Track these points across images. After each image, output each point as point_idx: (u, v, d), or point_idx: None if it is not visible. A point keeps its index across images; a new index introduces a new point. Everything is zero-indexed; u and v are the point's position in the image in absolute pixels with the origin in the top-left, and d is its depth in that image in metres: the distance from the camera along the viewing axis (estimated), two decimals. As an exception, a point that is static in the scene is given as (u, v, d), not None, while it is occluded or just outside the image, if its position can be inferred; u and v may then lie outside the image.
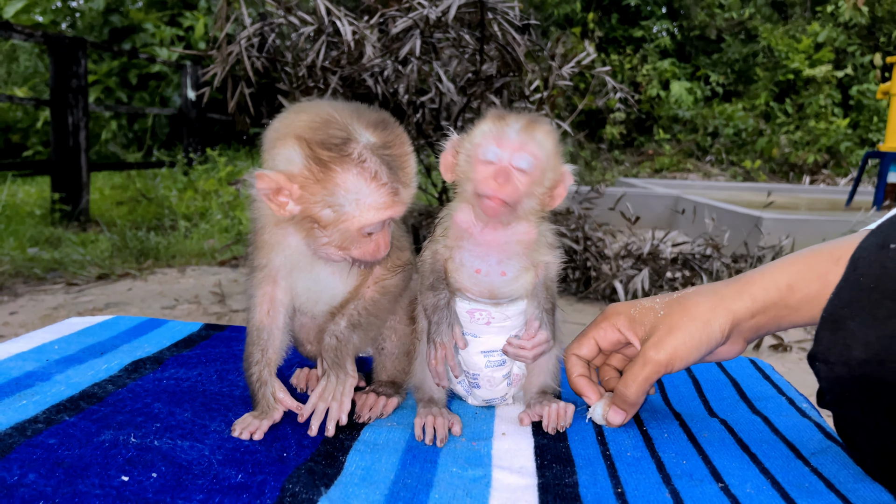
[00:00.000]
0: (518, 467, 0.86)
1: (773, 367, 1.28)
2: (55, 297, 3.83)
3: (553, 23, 12.64)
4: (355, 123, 0.87)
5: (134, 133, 10.27)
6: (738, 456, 0.90)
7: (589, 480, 0.83)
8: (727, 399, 1.12)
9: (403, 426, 0.98)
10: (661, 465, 0.87)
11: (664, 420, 1.02)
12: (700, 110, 12.53)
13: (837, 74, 12.54)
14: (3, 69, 10.08)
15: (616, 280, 3.79)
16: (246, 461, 0.82)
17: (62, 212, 6.03)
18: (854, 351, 0.75)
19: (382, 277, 0.98)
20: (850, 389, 0.77)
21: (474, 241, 0.97)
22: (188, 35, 10.27)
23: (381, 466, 0.85)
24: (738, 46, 13.13)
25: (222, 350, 1.25)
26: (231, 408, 1.00)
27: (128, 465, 0.79)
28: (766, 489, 0.81)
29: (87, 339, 1.26)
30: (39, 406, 0.95)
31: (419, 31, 3.29)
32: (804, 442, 0.94)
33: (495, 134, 0.93)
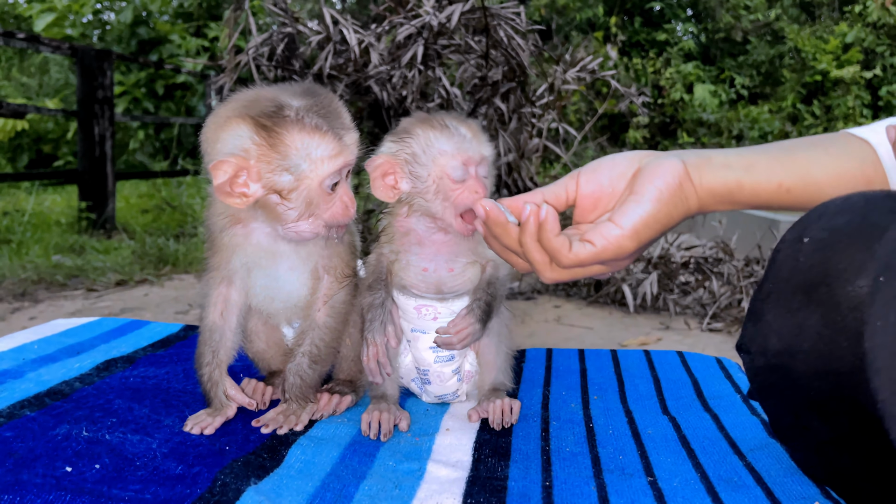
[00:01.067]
0: (454, 461, 0.88)
1: (740, 366, 1.28)
2: (74, 302, 3.92)
3: (575, 27, 12.62)
4: (283, 95, 0.92)
5: (161, 142, 10.47)
6: (675, 451, 0.91)
7: (520, 474, 0.85)
8: (683, 398, 1.12)
9: (353, 422, 1.00)
10: (596, 459, 0.89)
11: (613, 417, 1.04)
12: (725, 113, 12.40)
13: (866, 75, 12.32)
14: (35, 81, 10.36)
15: (625, 284, 3.77)
16: (188, 454, 0.86)
17: (88, 220, 6.17)
18: (770, 341, 0.75)
19: (332, 292, 1.00)
20: (768, 380, 0.78)
21: (421, 243, 0.99)
22: (213, 46, 10.46)
23: (320, 460, 0.87)
24: (764, 48, 12.97)
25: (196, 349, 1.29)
26: (190, 404, 1.03)
27: (74, 457, 0.83)
28: (693, 483, 0.82)
29: (66, 339, 1.31)
30: (4, 402, 0.99)
31: (423, 38, 3.33)
32: (746, 438, 0.95)
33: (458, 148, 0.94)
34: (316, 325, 1.00)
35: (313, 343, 1.00)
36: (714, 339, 3.35)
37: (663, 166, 0.82)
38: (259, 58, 3.49)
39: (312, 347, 0.99)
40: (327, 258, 1.00)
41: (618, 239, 0.78)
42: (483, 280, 1.00)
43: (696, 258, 4.12)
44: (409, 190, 0.96)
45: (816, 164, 0.86)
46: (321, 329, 1.00)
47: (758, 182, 0.84)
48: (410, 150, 0.95)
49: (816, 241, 0.74)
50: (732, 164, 0.84)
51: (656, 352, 1.36)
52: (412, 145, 0.95)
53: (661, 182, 0.81)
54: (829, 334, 0.70)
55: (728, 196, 0.84)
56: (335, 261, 1.00)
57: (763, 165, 0.84)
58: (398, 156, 0.96)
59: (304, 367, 0.99)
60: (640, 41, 13.40)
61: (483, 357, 1.05)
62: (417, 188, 0.95)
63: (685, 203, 0.82)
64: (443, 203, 0.94)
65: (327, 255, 1.00)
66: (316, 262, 1.00)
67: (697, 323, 3.58)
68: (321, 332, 1.00)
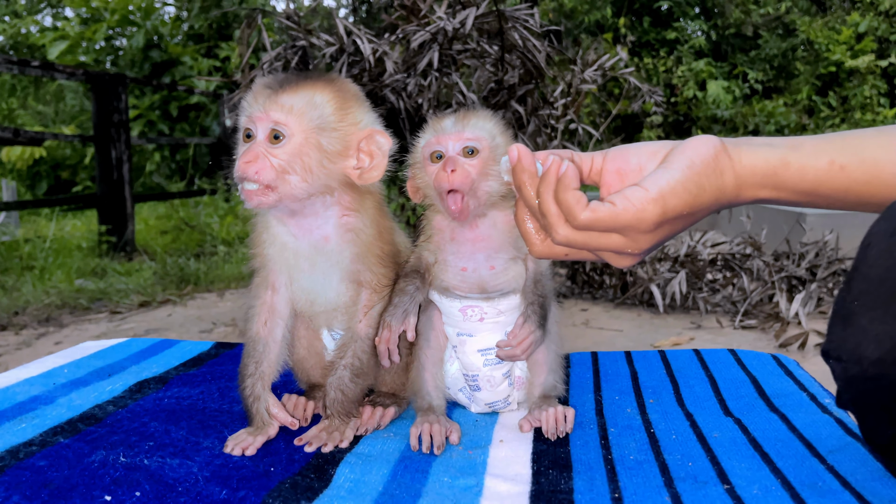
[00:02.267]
0: (513, 475, 0.83)
1: (798, 363, 1.22)
2: (98, 325, 3.91)
3: (584, 30, 12.57)
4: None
5: (176, 163, 10.53)
6: (748, 456, 0.85)
7: (585, 486, 0.79)
8: (744, 397, 1.06)
9: (400, 437, 0.95)
10: (664, 467, 0.83)
11: (674, 421, 0.98)
12: (739, 109, 12.28)
13: (881, 64, 12.15)
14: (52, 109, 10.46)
15: (653, 284, 3.70)
16: (232, 477, 0.81)
17: (109, 243, 6.19)
18: (866, 348, 0.68)
19: (372, 302, 0.96)
20: (865, 390, 0.71)
21: (457, 241, 0.97)
22: (225, 65, 10.52)
23: (370, 478, 0.82)
24: (776, 42, 12.85)
25: (229, 367, 1.25)
26: (228, 424, 0.99)
27: (113, 485, 0.78)
28: (774, 489, 0.76)
29: (97, 362, 1.27)
30: (37, 429, 0.95)
31: (437, 44, 3.29)
32: (822, 439, 0.88)
33: (434, 132, 0.96)
34: (357, 337, 0.95)
35: (355, 355, 0.95)
36: (748, 336, 3.27)
37: (698, 139, 0.76)
38: (273, 72, 3.47)
39: (354, 360, 0.95)
40: (357, 271, 0.95)
41: (642, 202, 0.71)
42: (529, 279, 0.96)
43: (723, 255, 4.04)
44: (423, 187, 0.97)
45: (872, 142, 0.78)
46: (363, 340, 0.95)
47: (806, 160, 0.76)
48: (418, 151, 0.98)
49: None
50: (776, 143, 0.78)
51: (707, 350, 1.30)
52: (417, 146, 0.99)
53: (694, 152, 0.75)
54: None
55: (772, 175, 0.76)
56: (370, 272, 0.95)
57: (811, 144, 0.78)
58: (413, 158, 0.99)
59: (345, 380, 0.94)
60: (650, 41, 13.33)
61: (533, 358, 0.99)
62: (425, 183, 0.96)
63: (720, 178, 0.74)
64: (434, 190, 0.94)
65: (356, 268, 0.95)
66: (355, 267, 0.95)
67: (729, 321, 3.50)
68: (363, 344, 0.95)
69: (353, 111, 0.91)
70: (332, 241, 0.94)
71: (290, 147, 0.88)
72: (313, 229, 0.93)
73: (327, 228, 0.93)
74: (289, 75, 0.91)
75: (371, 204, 0.95)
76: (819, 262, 3.86)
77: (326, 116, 0.89)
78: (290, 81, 0.89)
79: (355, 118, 0.91)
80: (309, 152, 0.88)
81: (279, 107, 0.88)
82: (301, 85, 0.89)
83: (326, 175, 0.90)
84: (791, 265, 3.84)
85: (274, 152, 0.88)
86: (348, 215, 0.93)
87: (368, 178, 0.92)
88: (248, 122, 0.90)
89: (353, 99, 0.93)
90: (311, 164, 0.88)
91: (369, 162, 0.92)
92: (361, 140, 0.92)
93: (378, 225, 0.95)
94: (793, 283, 3.78)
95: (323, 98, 0.89)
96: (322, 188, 0.91)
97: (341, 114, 0.90)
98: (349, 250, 0.94)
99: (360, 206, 0.94)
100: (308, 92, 0.89)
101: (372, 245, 0.94)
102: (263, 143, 0.88)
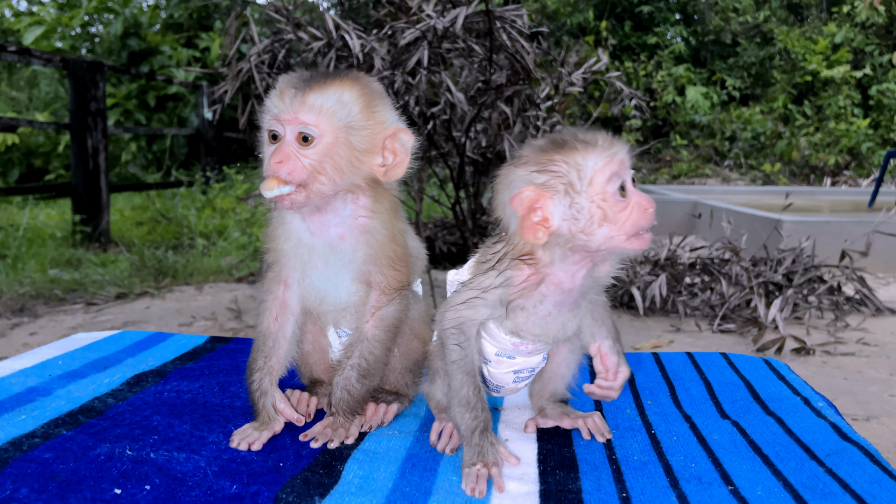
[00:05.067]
0: (520, 474, 0.84)
1: (790, 368, 1.24)
2: (74, 317, 3.86)
3: (566, 32, 12.64)
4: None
5: (153, 154, 10.39)
6: (749, 458, 0.87)
7: (593, 486, 0.80)
8: (740, 401, 1.09)
9: (405, 434, 0.96)
10: (668, 468, 0.85)
11: (674, 423, 1.00)
12: (717, 115, 12.44)
13: (856, 74, 12.39)
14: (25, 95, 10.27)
15: (634, 287, 3.74)
16: (241, 472, 0.81)
17: (83, 233, 6.10)
18: None
19: (380, 304, 0.96)
20: None
21: (561, 288, 0.85)
22: (204, 56, 10.40)
23: (379, 475, 0.83)
24: (754, 50, 13.03)
25: (226, 362, 1.24)
26: (231, 419, 0.98)
27: (122, 479, 0.78)
28: (777, 491, 0.78)
29: (91, 354, 1.26)
30: (38, 421, 0.94)
31: (427, 42, 3.29)
32: (819, 443, 0.91)
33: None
34: (365, 338, 0.96)
35: (362, 356, 0.95)
36: (726, 340, 3.32)
37: None
38: (260, 65, 3.44)
39: (361, 360, 0.95)
40: (368, 272, 0.96)
41: None
42: (602, 309, 0.92)
43: (702, 259, 4.09)
44: (565, 228, 0.80)
45: None
46: (370, 342, 0.96)
47: None
48: (565, 179, 0.80)
49: None
50: None
51: (700, 354, 1.33)
52: (564, 172, 0.80)
53: None
54: None
55: None
56: (381, 273, 0.95)
57: None
58: (549, 186, 0.80)
59: (352, 381, 0.95)
60: (631, 45, 13.45)
61: (556, 369, 0.98)
62: (579, 223, 0.79)
63: None
64: (610, 228, 0.79)
65: (368, 269, 0.96)
66: (367, 268, 0.95)
67: (708, 324, 3.56)
68: (370, 345, 0.95)
69: (379, 109, 0.92)
70: (347, 240, 0.94)
71: (322, 147, 0.88)
72: (330, 227, 0.94)
73: (343, 227, 0.94)
74: (314, 74, 0.91)
75: (387, 206, 0.95)
76: (795, 269, 3.93)
77: (355, 115, 0.89)
78: (316, 80, 0.89)
79: (382, 116, 0.92)
80: (339, 152, 0.89)
81: (308, 108, 0.88)
82: (328, 84, 0.89)
83: (355, 173, 0.91)
84: (768, 271, 3.90)
85: (304, 153, 0.88)
86: (364, 216, 0.94)
87: (393, 175, 0.93)
88: (273, 122, 0.90)
89: (378, 97, 0.93)
90: (341, 164, 0.89)
91: (393, 159, 0.92)
92: (387, 138, 0.92)
93: (392, 227, 0.95)
94: (769, 289, 3.84)
95: (351, 96, 0.90)
96: (349, 186, 0.91)
97: (368, 112, 0.90)
98: (362, 251, 0.94)
99: (376, 207, 0.94)
100: (336, 91, 0.89)
101: (385, 247, 0.94)
102: (293, 143, 0.88)
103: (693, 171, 11.75)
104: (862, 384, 2.76)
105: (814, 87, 12.75)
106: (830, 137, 11.88)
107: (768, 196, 8.56)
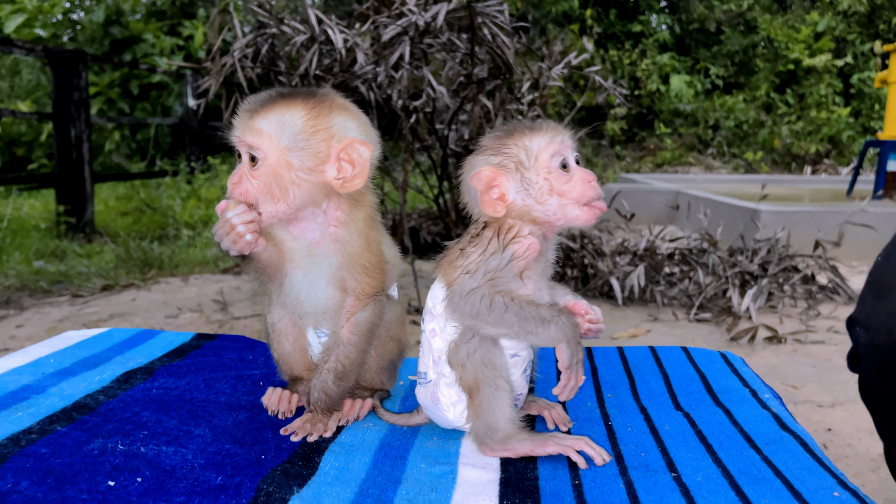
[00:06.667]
0: (483, 463, 0.91)
1: (744, 361, 1.32)
2: (60, 309, 3.89)
3: (551, 20, 12.66)
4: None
5: (137, 143, 10.35)
6: (694, 447, 0.94)
7: (549, 474, 0.88)
8: (694, 393, 1.16)
9: (378, 427, 1.03)
10: (620, 457, 0.92)
11: (630, 415, 1.07)
12: (701, 103, 12.54)
13: (838, 63, 12.51)
14: (6, 83, 10.18)
15: (613, 277, 3.83)
16: (226, 464, 0.88)
17: (67, 224, 6.11)
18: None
19: (355, 310, 1.02)
20: (890, 360, 0.74)
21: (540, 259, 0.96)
22: (188, 44, 10.36)
23: (354, 466, 0.90)
24: (737, 38, 13.12)
25: (211, 359, 1.31)
26: (216, 414, 1.05)
27: (114, 472, 0.84)
28: (715, 477, 0.85)
29: (81, 351, 1.32)
30: (34, 417, 1.00)
31: (408, 37, 3.34)
32: (760, 432, 0.98)
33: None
34: (341, 342, 1.02)
35: (338, 360, 1.02)
36: (702, 329, 3.41)
37: None
38: (244, 59, 3.48)
39: (337, 364, 1.02)
40: (341, 279, 1.01)
41: None
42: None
43: (680, 249, 4.18)
44: (519, 200, 0.93)
45: None
46: (345, 346, 1.02)
47: None
48: (515, 158, 0.93)
49: None
50: None
51: (662, 347, 1.40)
52: (514, 153, 0.93)
53: None
54: None
55: None
56: (354, 280, 1.01)
57: None
58: (503, 165, 0.93)
59: (328, 383, 1.01)
60: (616, 33, 13.49)
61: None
62: (531, 194, 0.92)
63: None
64: (560, 201, 0.91)
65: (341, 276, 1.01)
66: (341, 275, 1.01)
67: (685, 314, 3.65)
68: (345, 349, 1.02)
69: (325, 125, 0.95)
70: (322, 246, 1.00)
71: (265, 168, 0.95)
72: (307, 232, 1.00)
73: (318, 234, 1.00)
74: (268, 96, 0.96)
75: (361, 216, 1.00)
76: (771, 259, 4.02)
77: (296, 134, 0.94)
78: (264, 103, 0.95)
79: (332, 131, 0.96)
80: (281, 172, 0.94)
81: (252, 130, 0.94)
82: (273, 106, 0.95)
83: (304, 190, 0.96)
84: (745, 261, 4.00)
85: (253, 174, 0.95)
86: (335, 226, 1.00)
87: (351, 186, 0.97)
88: (236, 143, 0.97)
89: (328, 111, 0.96)
90: (284, 183, 0.94)
91: (351, 170, 0.97)
92: (341, 150, 0.96)
93: (367, 237, 1.01)
94: (745, 279, 3.94)
95: (293, 116, 0.94)
96: (307, 202, 0.97)
97: (314, 130, 0.95)
98: (335, 258, 1.00)
99: (349, 218, 0.99)
100: (279, 113, 0.94)
101: (358, 256, 1.00)
102: (246, 164, 0.96)
103: (677, 159, 11.86)
104: (830, 372, 2.86)
105: (796, 76, 12.87)
106: (812, 126, 12.02)
107: (749, 185, 8.67)
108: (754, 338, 3.20)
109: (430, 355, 0.96)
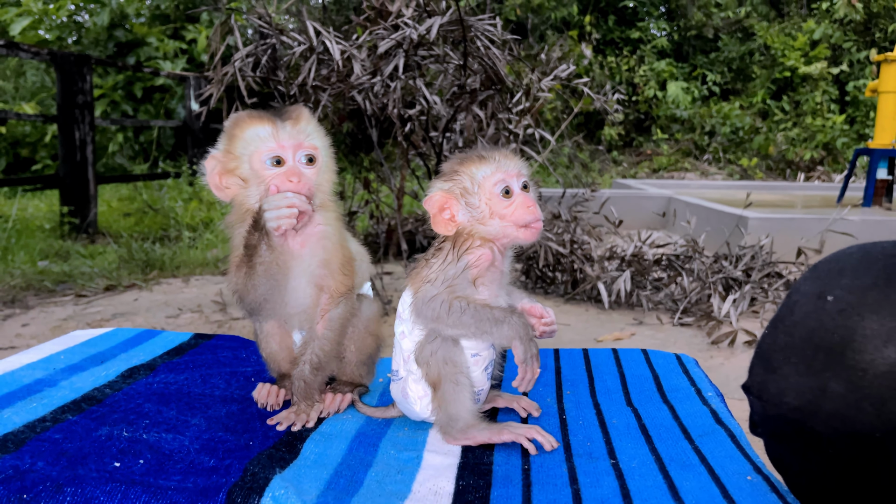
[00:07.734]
0: (446, 450, 1.03)
1: (697, 363, 1.44)
2: (65, 308, 4.01)
3: (550, 26, 12.79)
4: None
5: (140, 145, 10.48)
6: (635, 438, 1.06)
7: (503, 459, 0.99)
8: (646, 392, 1.28)
9: (356, 418, 1.14)
10: (567, 446, 1.04)
11: (584, 410, 1.19)
12: (697, 109, 12.65)
13: (833, 71, 12.63)
14: (11, 85, 10.32)
15: (600, 282, 3.94)
16: (218, 449, 0.99)
17: (71, 225, 6.23)
18: (787, 396, 0.76)
19: (328, 307, 1.14)
20: (782, 431, 0.79)
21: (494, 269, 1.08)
22: (191, 48, 10.49)
23: (331, 452, 1.01)
24: (734, 45, 13.24)
25: (207, 357, 1.42)
26: (211, 406, 1.17)
27: (120, 454, 0.96)
28: (649, 463, 0.97)
29: (89, 349, 1.43)
30: (47, 408, 1.12)
31: (403, 50, 3.46)
32: (696, 426, 1.10)
33: (494, 170, 1.07)
34: (316, 337, 1.14)
35: (314, 352, 1.14)
36: (685, 333, 3.53)
37: None
38: (244, 69, 3.60)
39: (313, 356, 1.14)
40: (321, 276, 1.13)
41: None
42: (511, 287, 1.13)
43: (667, 255, 4.30)
44: (466, 220, 1.05)
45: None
46: (320, 340, 1.14)
47: None
48: (461, 185, 1.05)
49: (842, 302, 0.75)
50: None
51: (623, 350, 1.52)
52: (461, 180, 1.05)
53: None
54: (854, 399, 0.71)
55: None
56: (332, 278, 1.13)
57: None
58: (451, 191, 1.05)
59: (306, 373, 1.13)
60: (615, 39, 13.62)
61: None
62: (475, 216, 1.04)
63: None
64: (501, 223, 1.03)
65: (321, 273, 1.13)
66: (321, 272, 1.13)
67: (669, 318, 3.76)
68: (321, 343, 1.14)
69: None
70: (307, 247, 1.12)
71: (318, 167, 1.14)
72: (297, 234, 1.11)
73: (303, 235, 1.11)
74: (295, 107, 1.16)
75: (333, 216, 1.14)
76: (754, 265, 4.14)
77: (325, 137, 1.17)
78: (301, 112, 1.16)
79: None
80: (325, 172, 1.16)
81: (309, 136, 1.14)
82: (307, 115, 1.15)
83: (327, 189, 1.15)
84: (729, 266, 4.11)
85: (311, 173, 1.14)
86: (321, 224, 1.12)
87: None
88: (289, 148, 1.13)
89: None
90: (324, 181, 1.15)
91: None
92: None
93: (341, 234, 1.14)
94: (729, 284, 4.06)
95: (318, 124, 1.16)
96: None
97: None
98: (319, 256, 1.12)
99: (327, 217, 1.13)
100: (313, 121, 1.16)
101: (336, 252, 1.13)
102: (302, 165, 1.13)
103: (673, 164, 11.97)
104: (803, 375, 2.97)
105: (792, 83, 12.99)
106: (807, 133, 12.13)
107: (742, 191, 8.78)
108: (734, 342, 3.31)
109: (400, 355, 1.08)
